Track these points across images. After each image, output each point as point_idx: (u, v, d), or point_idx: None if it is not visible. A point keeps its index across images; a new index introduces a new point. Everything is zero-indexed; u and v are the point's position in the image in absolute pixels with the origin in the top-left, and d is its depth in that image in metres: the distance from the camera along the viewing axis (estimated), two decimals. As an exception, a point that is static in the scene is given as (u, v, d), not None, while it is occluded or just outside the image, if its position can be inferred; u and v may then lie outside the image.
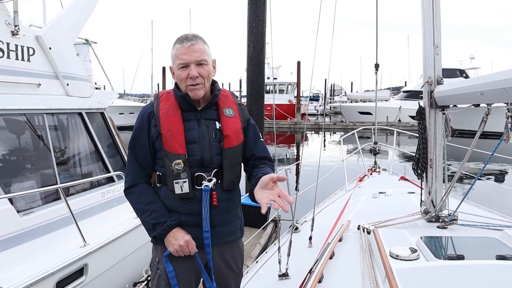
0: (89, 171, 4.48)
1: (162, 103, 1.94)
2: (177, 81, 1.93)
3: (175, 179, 1.84)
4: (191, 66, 1.85)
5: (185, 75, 1.86)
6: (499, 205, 4.11)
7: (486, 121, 2.35)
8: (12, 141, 3.86)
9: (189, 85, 1.87)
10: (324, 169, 4.91)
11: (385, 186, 4.33)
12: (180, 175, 1.84)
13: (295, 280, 2.49)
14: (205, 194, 1.85)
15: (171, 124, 1.88)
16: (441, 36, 2.82)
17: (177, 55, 1.87)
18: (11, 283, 2.84)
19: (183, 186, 1.84)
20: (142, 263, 4.08)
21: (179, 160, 1.83)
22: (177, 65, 1.88)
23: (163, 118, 1.89)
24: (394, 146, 7.03)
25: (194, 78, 1.85)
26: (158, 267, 1.93)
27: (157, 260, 1.94)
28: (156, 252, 1.96)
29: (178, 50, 1.87)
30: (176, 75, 1.91)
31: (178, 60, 1.87)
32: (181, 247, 1.82)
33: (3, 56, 3.64)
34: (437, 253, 2.05)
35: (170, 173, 1.85)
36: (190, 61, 1.85)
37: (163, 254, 1.89)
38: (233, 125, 1.97)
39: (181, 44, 1.86)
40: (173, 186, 1.85)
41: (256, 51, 7.54)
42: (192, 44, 1.85)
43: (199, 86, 1.87)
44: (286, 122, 30.19)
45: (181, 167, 1.83)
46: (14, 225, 3.21)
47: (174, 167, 1.83)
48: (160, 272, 1.92)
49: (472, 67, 28.40)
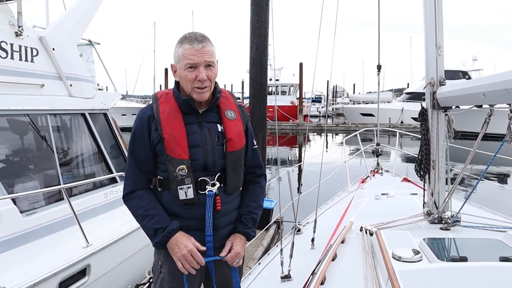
0: (92, 172, 4.49)
1: (161, 105, 1.87)
2: (182, 81, 1.86)
3: (179, 185, 1.80)
4: (200, 68, 1.80)
5: (193, 77, 1.80)
6: (502, 207, 4.10)
7: (489, 122, 2.34)
8: (15, 142, 3.87)
9: (196, 87, 1.82)
10: (327, 170, 4.91)
11: (387, 188, 4.32)
12: (184, 180, 1.79)
13: (297, 281, 2.48)
14: (209, 199, 1.83)
15: (173, 128, 1.82)
16: (443, 37, 2.82)
17: (185, 55, 1.81)
18: (14, 283, 2.85)
19: (187, 192, 1.80)
20: (145, 264, 4.08)
21: (183, 166, 1.79)
22: (184, 65, 1.82)
23: (165, 121, 1.83)
24: (396, 148, 7.02)
25: (203, 81, 1.81)
26: (161, 270, 1.90)
27: (159, 263, 1.91)
28: (159, 255, 1.93)
29: (187, 50, 1.81)
30: (182, 75, 1.84)
31: (187, 60, 1.80)
32: (184, 257, 1.77)
33: (7, 57, 3.66)
34: (440, 254, 2.05)
35: (173, 178, 1.80)
36: (200, 63, 1.80)
37: (166, 257, 1.87)
38: (235, 128, 1.95)
39: (191, 44, 1.80)
40: (177, 192, 1.81)
41: (259, 52, 7.53)
42: (203, 46, 1.81)
43: (206, 89, 1.84)
44: (288, 124, 30.15)
45: (185, 173, 1.79)
46: (17, 226, 3.22)
47: (178, 173, 1.79)
48: (163, 276, 1.89)
49: (475, 69, 28.30)
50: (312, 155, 14.56)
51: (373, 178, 5.46)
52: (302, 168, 6.07)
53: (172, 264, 1.85)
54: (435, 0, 2.78)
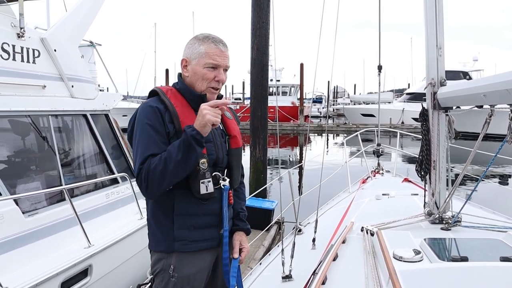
0: (94, 173, 4.51)
1: (171, 99, 1.83)
2: (196, 78, 1.85)
3: (202, 179, 1.78)
4: (220, 70, 1.85)
5: (212, 76, 1.84)
6: (503, 207, 4.09)
7: (489, 122, 2.35)
8: (17, 143, 3.88)
9: (212, 87, 1.86)
10: (327, 171, 4.91)
11: (388, 188, 4.32)
12: (205, 174, 1.79)
13: (298, 281, 2.49)
14: (225, 193, 1.86)
15: (191, 122, 1.74)
16: (444, 37, 2.82)
17: (209, 54, 1.83)
18: (16, 284, 2.86)
19: (208, 186, 1.79)
20: (147, 264, 4.07)
21: (204, 159, 1.77)
22: (205, 63, 1.82)
23: (182, 115, 1.79)
24: (397, 148, 7.03)
25: (221, 82, 1.87)
26: (173, 275, 1.82)
27: (171, 267, 1.82)
28: (168, 259, 1.83)
29: (212, 49, 1.83)
30: (200, 72, 1.83)
31: (210, 60, 1.82)
32: (212, 116, 1.67)
33: (8, 58, 3.67)
34: (440, 254, 2.06)
35: (196, 173, 1.77)
36: (222, 65, 1.85)
37: (180, 261, 1.82)
38: (235, 127, 2.04)
39: (216, 45, 1.84)
40: (199, 186, 1.78)
41: (260, 53, 7.56)
42: (226, 50, 1.87)
43: (218, 90, 1.90)
44: (289, 124, 30.17)
45: (205, 167, 1.78)
46: (19, 226, 3.23)
47: (200, 166, 1.77)
48: (176, 280, 1.82)
49: (475, 69, 28.30)
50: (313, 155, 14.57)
51: (374, 178, 5.47)
52: (303, 169, 6.08)
53: (190, 268, 1.82)
54: (435, 1, 2.79)
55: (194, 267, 1.85)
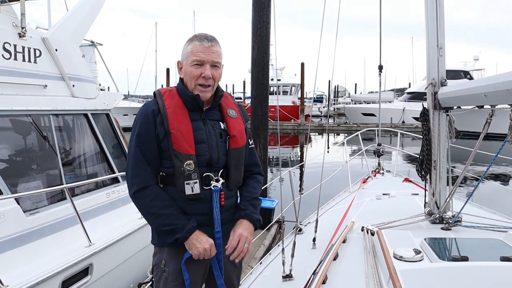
0: (94, 172, 4.52)
1: (166, 101, 1.87)
2: (187, 78, 1.89)
3: (186, 180, 1.80)
4: (206, 65, 1.85)
5: (198, 73, 1.85)
6: (503, 207, 4.10)
7: (490, 122, 2.35)
8: (18, 142, 3.89)
9: (199, 84, 1.86)
10: (328, 170, 4.92)
11: (389, 188, 4.33)
12: (191, 175, 1.80)
13: (299, 281, 2.49)
14: (215, 195, 1.86)
15: (180, 123, 1.82)
16: (445, 37, 2.83)
17: (193, 52, 1.85)
18: (17, 282, 2.86)
19: (194, 187, 1.82)
20: (147, 263, 4.10)
21: (190, 161, 1.80)
22: (191, 61, 1.86)
23: (171, 116, 1.83)
24: (398, 148, 7.02)
25: (207, 79, 1.85)
26: (165, 269, 1.89)
27: (163, 262, 1.90)
28: (161, 254, 1.92)
29: (196, 47, 1.85)
30: (188, 71, 1.87)
31: (194, 57, 1.85)
32: (205, 250, 1.80)
33: (10, 58, 3.68)
34: (441, 254, 2.06)
35: (180, 174, 1.80)
36: (207, 61, 1.85)
37: (170, 256, 1.88)
38: (238, 126, 2.00)
39: (201, 42, 1.85)
40: (184, 187, 1.81)
41: (261, 52, 7.54)
42: (211, 45, 1.86)
43: (209, 88, 1.88)
44: (290, 124, 30.16)
45: (192, 168, 1.80)
46: (20, 225, 3.24)
47: (185, 167, 1.80)
48: (167, 275, 1.89)
49: (476, 69, 28.25)
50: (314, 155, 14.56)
51: (374, 178, 5.47)
52: (303, 168, 6.08)
53: (177, 263, 1.86)
54: (436, 1, 2.79)
55: (189, 263, 1.86)
